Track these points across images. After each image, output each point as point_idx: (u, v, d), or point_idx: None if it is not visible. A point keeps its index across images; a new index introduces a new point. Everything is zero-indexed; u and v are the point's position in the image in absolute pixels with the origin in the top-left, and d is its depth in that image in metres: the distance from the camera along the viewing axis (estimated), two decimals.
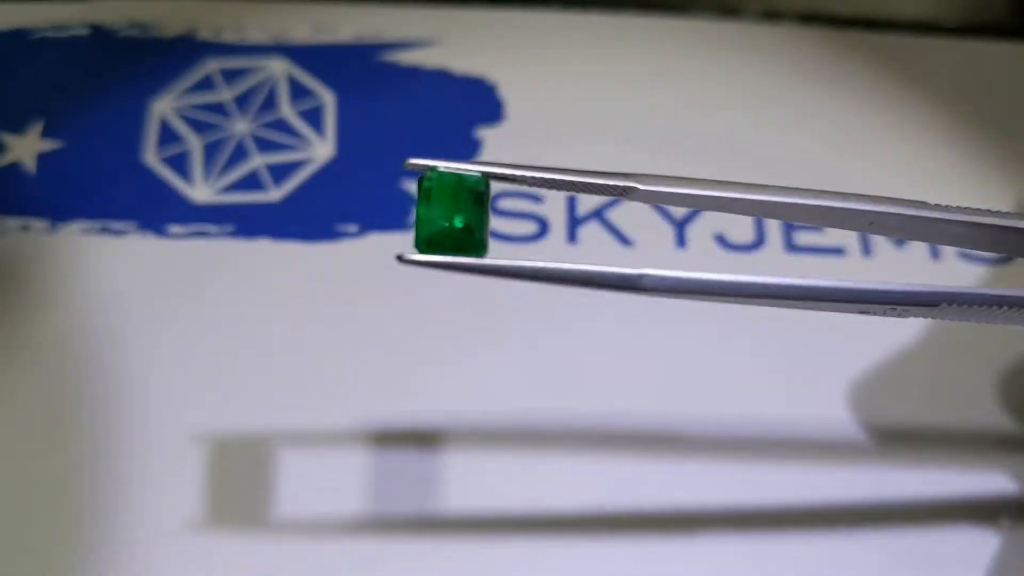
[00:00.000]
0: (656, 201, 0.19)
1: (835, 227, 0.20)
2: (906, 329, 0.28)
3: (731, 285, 0.18)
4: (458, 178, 0.18)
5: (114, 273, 0.28)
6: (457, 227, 0.18)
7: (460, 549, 0.25)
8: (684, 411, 0.27)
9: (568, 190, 0.18)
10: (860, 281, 0.19)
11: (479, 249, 0.18)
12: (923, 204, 0.19)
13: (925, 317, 0.19)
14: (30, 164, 0.30)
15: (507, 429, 0.27)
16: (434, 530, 0.25)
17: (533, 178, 0.18)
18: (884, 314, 0.19)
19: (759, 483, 0.26)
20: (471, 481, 0.26)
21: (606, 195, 0.18)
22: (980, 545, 0.26)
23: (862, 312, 0.19)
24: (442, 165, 0.18)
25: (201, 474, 0.26)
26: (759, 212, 0.19)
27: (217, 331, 0.28)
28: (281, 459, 0.26)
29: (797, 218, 0.19)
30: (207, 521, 0.25)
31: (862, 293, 0.19)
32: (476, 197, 0.18)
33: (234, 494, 0.25)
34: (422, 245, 0.18)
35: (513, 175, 0.18)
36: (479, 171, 0.18)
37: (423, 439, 0.26)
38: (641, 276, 0.18)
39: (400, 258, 0.18)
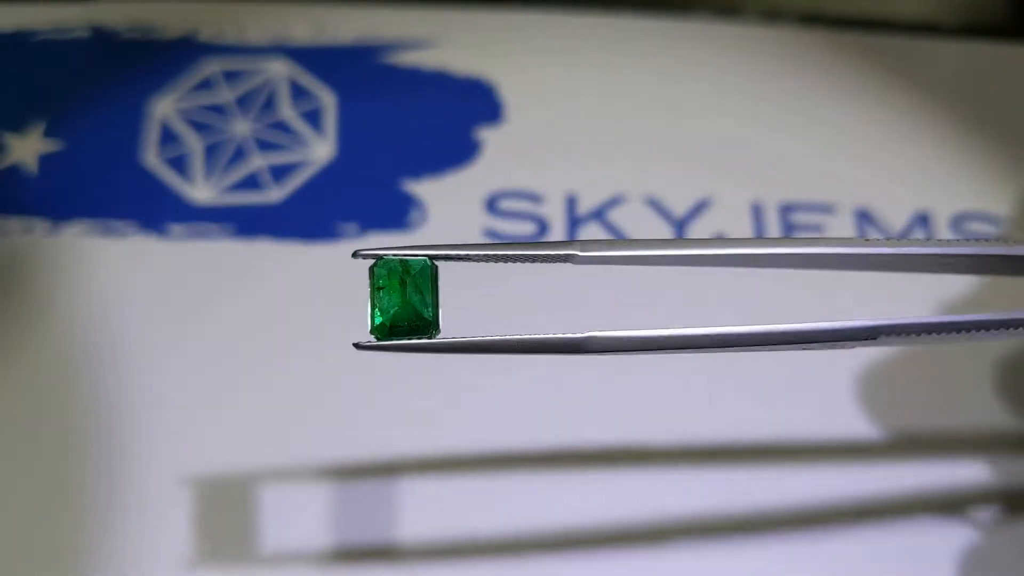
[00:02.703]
0: (598, 263, 0.19)
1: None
2: None
3: (676, 339, 0.19)
4: (405, 265, 0.19)
5: (115, 273, 0.28)
6: (406, 316, 0.19)
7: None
8: (679, 414, 0.27)
9: (513, 261, 0.19)
10: (803, 322, 0.19)
11: (430, 329, 0.19)
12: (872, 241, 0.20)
13: (868, 346, 0.20)
14: (31, 165, 0.30)
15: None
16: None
17: (478, 255, 0.19)
18: (831, 348, 0.19)
19: (759, 485, 0.26)
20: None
21: (549, 262, 0.19)
22: (975, 540, 0.26)
23: (807, 348, 0.19)
24: (390, 252, 0.19)
25: (200, 473, 0.26)
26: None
27: (217, 331, 0.28)
28: (280, 460, 0.26)
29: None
30: (204, 511, 0.25)
31: (805, 334, 0.19)
32: (423, 279, 0.19)
33: (232, 492, 0.25)
34: (376, 332, 0.19)
35: (458, 255, 0.19)
36: (424, 255, 0.19)
37: (427, 454, 0.26)
38: (586, 339, 0.19)
39: (357, 345, 0.19)
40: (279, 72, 0.32)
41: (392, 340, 0.19)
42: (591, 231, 0.30)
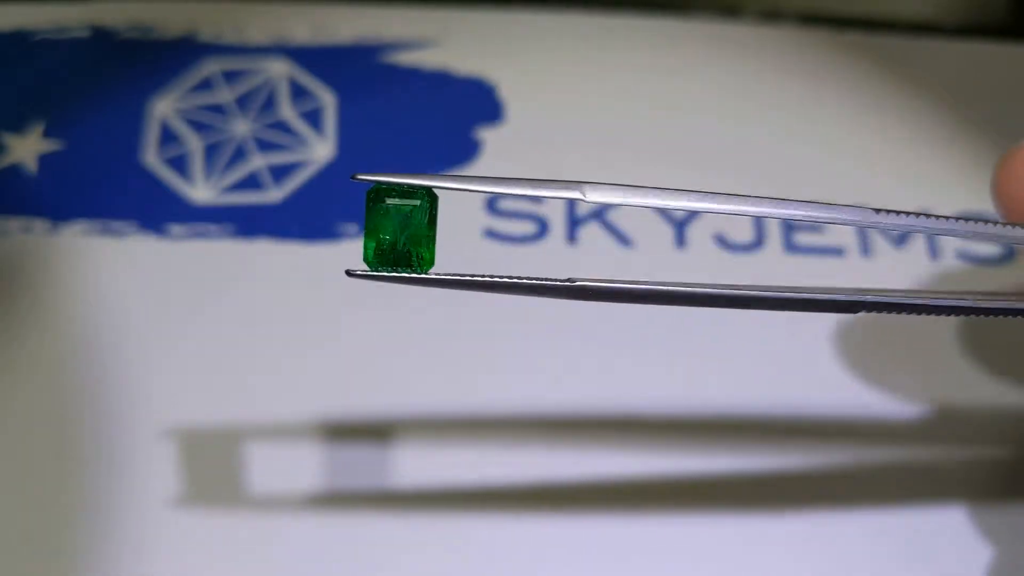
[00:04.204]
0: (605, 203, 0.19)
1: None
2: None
3: (663, 291, 0.19)
4: (402, 193, 0.19)
5: (115, 273, 0.28)
6: (400, 245, 0.19)
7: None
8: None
9: (520, 196, 0.19)
10: (785, 289, 0.19)
11: (424, 264, 0.19)
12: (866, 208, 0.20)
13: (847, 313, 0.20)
14: (31, 165, 0.30)
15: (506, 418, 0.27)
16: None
17: (481, 190, 0.19)
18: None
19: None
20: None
21: (558, 197, 0.19)
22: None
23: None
24: (391, 180, 0.19)
25: (199, 470, 0.26)
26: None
27: (217, 331, 0.28)
28: (279, 459, 0.26)
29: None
30: (202, 509, 0.25)
31: (786, 300, 0.19)
32: (421, 210, 0.19)
33: (232, 491, 0.25)
34: (370, 261, 0.19)
35: (460, 187, 0.19)
36: (424, 184, 0.18)
37: (426, 431, 0.26)
38: (579, 285, 0.19)
39: (349, 273, 0.19)
40: (279, 72, 0.32)
41: (384, 271, 0.19)
42: (591, 231, 0.30)
